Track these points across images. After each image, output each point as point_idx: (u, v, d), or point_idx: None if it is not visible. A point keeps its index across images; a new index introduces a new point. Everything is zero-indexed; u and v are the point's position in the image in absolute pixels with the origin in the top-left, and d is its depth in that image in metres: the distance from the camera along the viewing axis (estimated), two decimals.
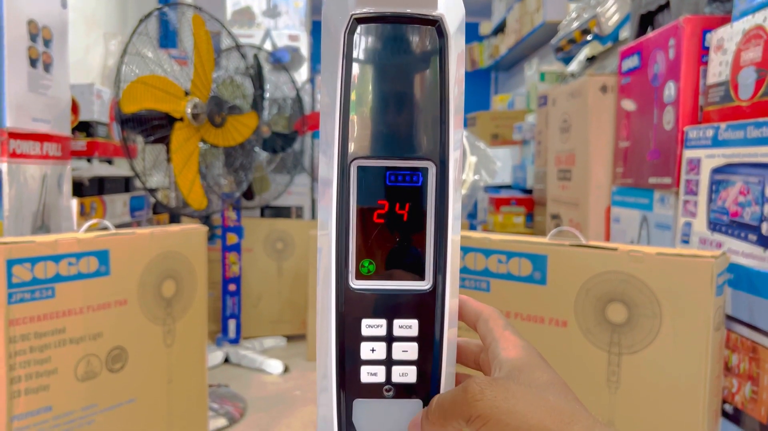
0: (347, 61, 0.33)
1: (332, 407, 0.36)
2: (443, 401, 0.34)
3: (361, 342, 0.35)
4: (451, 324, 0.36)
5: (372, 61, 0.34)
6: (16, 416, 0.87)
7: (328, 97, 0.34)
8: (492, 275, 0.92)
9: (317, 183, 2.39)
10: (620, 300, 0.81)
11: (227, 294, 1.97)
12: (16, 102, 1.09)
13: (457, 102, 0.34)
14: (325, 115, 0.34)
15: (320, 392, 0.36)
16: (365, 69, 0.34)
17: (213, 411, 1.47)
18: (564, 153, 1.61)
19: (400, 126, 0.34)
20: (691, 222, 1.03)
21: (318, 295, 0.35)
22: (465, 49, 0.35)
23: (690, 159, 1.05)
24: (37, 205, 1.16)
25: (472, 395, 0.32)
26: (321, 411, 0.36)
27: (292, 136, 2.07)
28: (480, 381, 0.32)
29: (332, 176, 0.34)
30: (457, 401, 0.33)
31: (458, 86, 0.34)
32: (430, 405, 0.35)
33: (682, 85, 1.09)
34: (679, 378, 0.77)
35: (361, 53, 0.33)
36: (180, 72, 1.44)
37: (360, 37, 0.33)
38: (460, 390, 0.33)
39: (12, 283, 0.86)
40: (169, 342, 1.10)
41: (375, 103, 0.34)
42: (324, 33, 0.34)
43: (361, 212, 0.35)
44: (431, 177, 0.35)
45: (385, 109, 0.34)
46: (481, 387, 0.32)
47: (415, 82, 0.34)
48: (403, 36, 0.34)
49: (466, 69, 0.66)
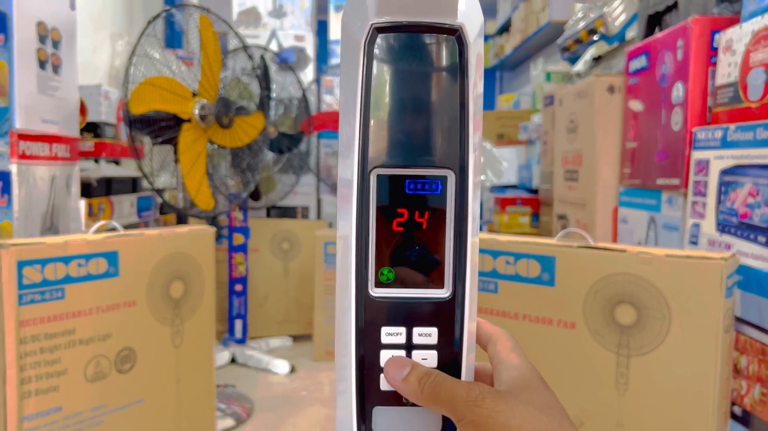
0: (367, 70, 0.33)
1: (351, 413, 0.36)
2: (441, 384, 0.34)
3: (381, 350, 0.35)
4: (470, 332, 0.36)
5: (392, 70, 0.34)
6: (27, 416, 0.88)
7: (348, 104, 0.34)
8: (500, 276, 0.92)
9: (323, 183, 2.40)
10: (629, 302, 0.81)
11: (234, 295, 1.97)
12: (26, 103, 1.09)
13: (476, 108, 0.34)
14: (344, 122, 0.34)
15: (339, 397, 0.36)
16: (385, 78, 0.34)
17: (220, 411, 1.47)
18: (571, 153, 1.60)
19: (420, 134, 0.34)
20: (700, 223, 1.03)
21: (337, 302, 0.35)
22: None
23: (698, 160, 1.04)
24: (46, 206, 1.17)
25: (473, 398, 0.32)
26: (340, 415, 0.36)
27: (298, 136, 2.07)
28: (483, 388, 0.33)
29: (352, 184, 0.34)
30: (456, 395, 0.33)
31: (477, 93, 0.34)
32: (428, 375, 0.34)
33: (690, 85, 1.09)
34: (688, 380, 0.77)
35: (381, 62, 0.33)
36: (187, 73, 1.45)
37: (380, 46, 0.33)
38: (463, 387, 0.33)
39: (23, 284, 0.87)
40: (177, 343, 1.10)
41: (395, 112, 0.34)
42: (343, 41, 0.34)
43: (381, 220, 0.35)
44: (450, 185, 0.35)
45: (404, 118, 0.34)
46: (483, 395, 0.32)
47: (434, 91, 0.34)
48: (423, 45, 0.33)
49: None
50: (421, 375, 0.34)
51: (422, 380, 0.34)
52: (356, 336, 0.35)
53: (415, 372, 0.34)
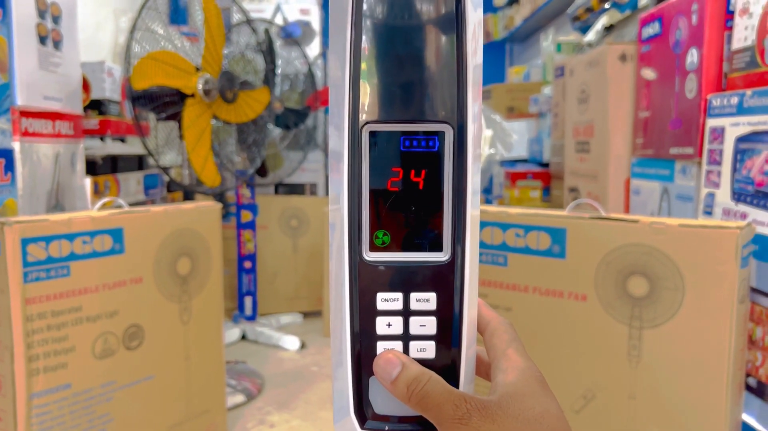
0: (356, 19, 0.31)
1: (347, 383, 0.34)
2: (428, 395, 0.32)
3: (377, 316, 0.34)
4: (471, 298, 0.34)
5: (383, 18, 0.32)
6: (36, 394, 0.88)
7: (337, 61, 0.32)
8: (509, 249, 0.90)
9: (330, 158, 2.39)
10: (642, 273, 0.79)
11: (243, 272, 1.97)
12: (27, 80, 1.08)
13: (475, 59, 0.32)
14: (334, 81, 0.32)
15: (335, 367, 0.35)
16: (376, 27, 0.32)
17: (231, 387, 1.48)
18: (582, 124, 1.57)
19: (415, 88, 0.32)
20: (714, 193, 1.00)
21: (331, 270, 0.34)
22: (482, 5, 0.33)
23: (713, 128, 1.02)
24: (51, 184, 1.16)
25: (459, 417, 0.31)
26: (336, 386, 0.35)
27: (304, 111, 2.05)
28: (471, 405, 0.31)
29: (343, 144, 0.32)
30: (442, 411, 0.32)
31: (476, 43, 0.32)
32: (417, 381, 0.33)
33: (705, 51, 1.05)
34: (702, 352, 0.76)
35: (372, 7, 0.31)
36: (191, 48, 1.42)
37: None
38: (451, 402, 0.32)
39: (27, 262, 0.86)
40: (185, 320, 1.10)
41: (387, 65, 0.32)
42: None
43: (374, 180, 0.33)
44: (448, 142, 0.33)
45: (397, 71, 0.32)
46: (471, 413, 0.31)
47: (429, 40, 0.32)
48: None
49: None
50: (410, 379, 0.33)
51: (411, 385, 0.33)
52: (351, 304, 0.34)
53: (405, 375, 0.33)
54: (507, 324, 0.37)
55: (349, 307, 0.34)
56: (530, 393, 0.33)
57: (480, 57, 0.32)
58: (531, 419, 0.31)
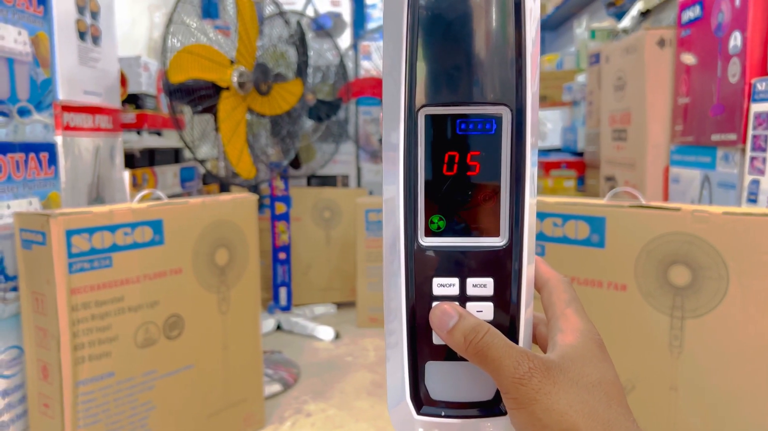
0: (412, 1, 0.31)
1: (403, 369, 0.34)
2: (488, 347, 0.31)
3: (433, 302, 0.33)
4: (528, 283, 0.33)
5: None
6: (82, 381, 0.90)
7: (392, 46, 0.31)
8: (547, 239, 0.89)
9: (362, 151, 2.38)
10: (683, 263, 0.78)
11: (278, 263, 1.99)
12: (68, 75, 1.10)
13: (535, 38, 0.31)
14: (389, 68, 0.32)
15: (390, 352, 0.34)
16: (433, 8, 0.31)
17: (267, 376, 1.50)
18: (619, 112, 1.55)
19: (472, 69, 0.31)
20: (759, 179, 0.98)
21: (384, 257, 0.33)
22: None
23: (758, 113, 0.99)
24: (92, 177, 1.18)
25: (519, 376, 0.30)
26: (391, 371, 0.35)
27: (336, 103, 2.05)
28: (534, 364, 0.30)
29: (399, 129, 0.32)
30: (502, 366, 0.30)
31: (535, 27, 0.31)
32: (475, 332, 0.31)
33: (749, 34, 1.02)
34: (746, 342, 0.74)
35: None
36: (224, 41, 1.44)
37: None
38: (512, 358, 0.30)
39: (72, 253, 0.88)
40: (223, 310, 1.11)
41: (443, 47, 0.31)
42: None
43: (430, 164, 0.32)
44: (506, 124, 0.32)
45: (454, 52, 0.31)
46: (532, 372, 0.30)
47: (488, 20, 0.31)
48: None
49: None
50: (467, 329, 0.32)
51: (468, 335, 0.32)
52: (407, 289, 0.33)
53: (462, 325, 0.32)
54: (566, 282, 0.36)
55: (405, 292, 0.33)
56: (590, 357, 0.32)
57: (538, 39, 0.32)
58: (589, 385, 0.30)
